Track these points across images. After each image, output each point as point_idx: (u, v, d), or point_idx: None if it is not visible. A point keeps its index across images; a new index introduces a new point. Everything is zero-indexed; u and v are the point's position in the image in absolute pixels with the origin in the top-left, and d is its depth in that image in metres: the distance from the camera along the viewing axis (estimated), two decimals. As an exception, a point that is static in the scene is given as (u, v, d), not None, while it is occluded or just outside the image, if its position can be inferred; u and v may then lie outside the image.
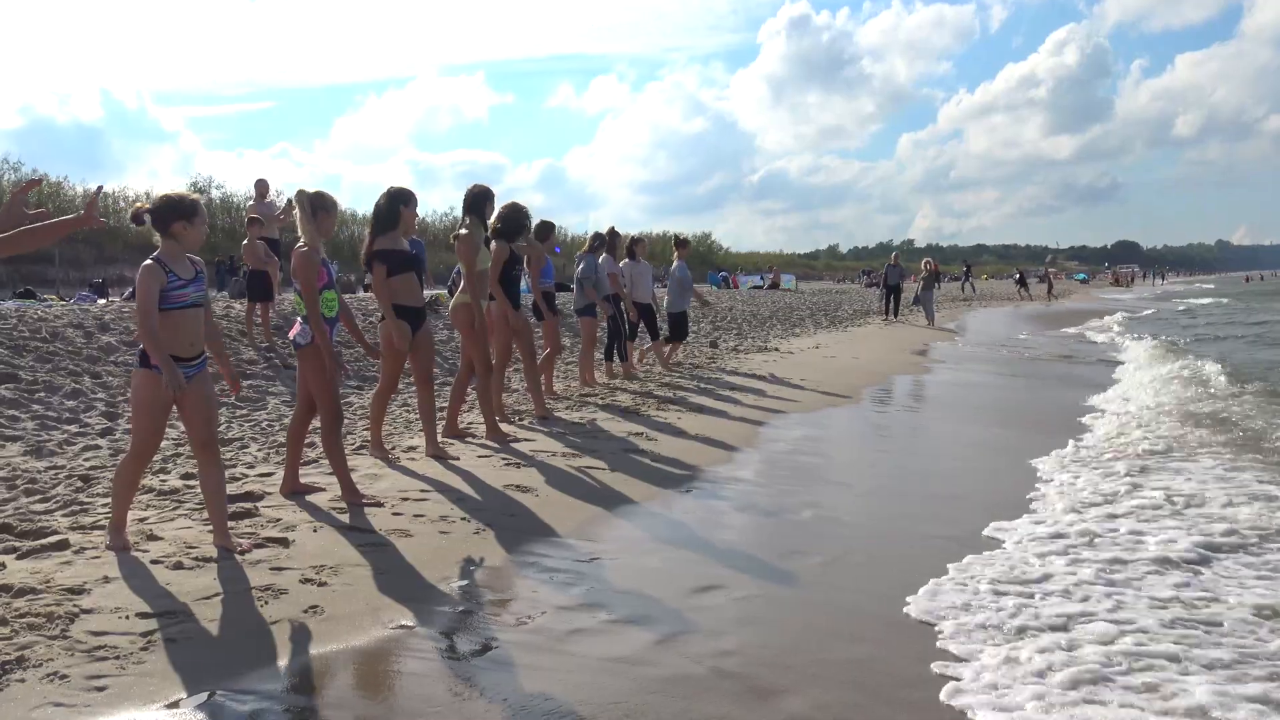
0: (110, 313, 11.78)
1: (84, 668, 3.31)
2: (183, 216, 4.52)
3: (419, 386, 6.92)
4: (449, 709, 3.17)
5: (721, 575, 4.62)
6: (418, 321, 6.63)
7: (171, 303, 4.47)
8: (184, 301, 4.52)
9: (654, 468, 6.89)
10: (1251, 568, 4.91)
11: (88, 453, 6.73)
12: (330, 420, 5.54)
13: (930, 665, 3.65)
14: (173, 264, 4.51)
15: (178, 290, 4.49)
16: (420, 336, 6.66)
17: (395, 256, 6.52)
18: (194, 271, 4.60)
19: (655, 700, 3.28)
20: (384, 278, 6.48)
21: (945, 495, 6.57)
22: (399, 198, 6.58)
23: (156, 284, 4.43)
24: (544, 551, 4.85)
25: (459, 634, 3.77)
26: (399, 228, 6.59)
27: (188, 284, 4.54)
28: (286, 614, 3.88)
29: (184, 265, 4.56)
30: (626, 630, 3.88)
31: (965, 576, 4.64)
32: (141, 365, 4.52)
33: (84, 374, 8.99)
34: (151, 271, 4.44)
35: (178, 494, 5.61)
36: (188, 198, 4.64)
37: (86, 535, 4.75)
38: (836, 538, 5.40)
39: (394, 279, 6.51)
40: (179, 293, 4.49)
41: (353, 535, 4.93)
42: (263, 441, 7.34)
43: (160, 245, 4.53)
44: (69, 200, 31.60)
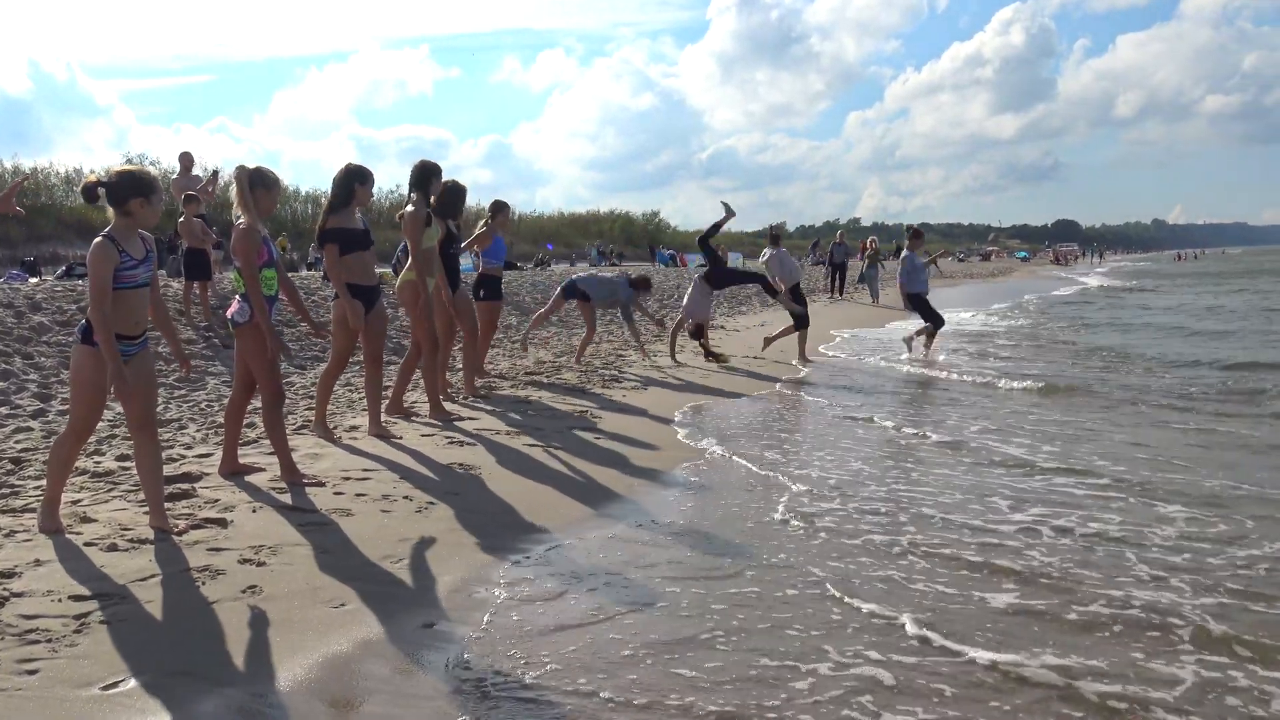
0: (42, 292, 11.49)
1: (14, 651, 3.26)
2: (141, 194, 4.42)
3: (368, 365, 6.87)
4: (391, 685, 3.17)
5: (665, 552, 4.67)
6: (371, 300, 6.56)
7: (122, 282, 4.39)
8: (134, 281, 4.44)
9: (599, 445, 6.91)
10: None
11: (19, 435, 6.58)
12: (271, 399, 5.47)
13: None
14: (125, 243, 4.41)
15: (129, 270, 4.41)
16: (373, 316, 6.58)
17: (348, 235, 6.44)
18: (145, 251, 4.52)
19: (600, 664, 3.32)
20: (337, 256, 6.41)
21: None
22: (355, 175, 6.50)
23: (110, 264, 4.34)
24: (487, 528, 4.85)
25: (400, 612, 3.77)
26: (351, 205, 6.51)
27: (139, 264, 4.45)
28: (224, 594, 3.84)
29: (136, 244, 4.47)
30: (570, 600, 3.91)
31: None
32: (83, 341, 4.43)
33: (15, 355, 8.77)
34: (105, 251, 4.34)
35: (112, 475, 5.52)
36: (147, 174, 4.55)
37: (17, 518, 4.66)
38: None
39: (347, 257, 6.43)
40: (130, 273, 4.41)
41: (293, 515, 4.89)
42: (201, 422, 7.24)
43: (113, 222, 4.43)
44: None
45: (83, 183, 4.54)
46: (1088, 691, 3.17)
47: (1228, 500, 5.50)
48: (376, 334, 6.70)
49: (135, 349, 4.54)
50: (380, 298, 6.74)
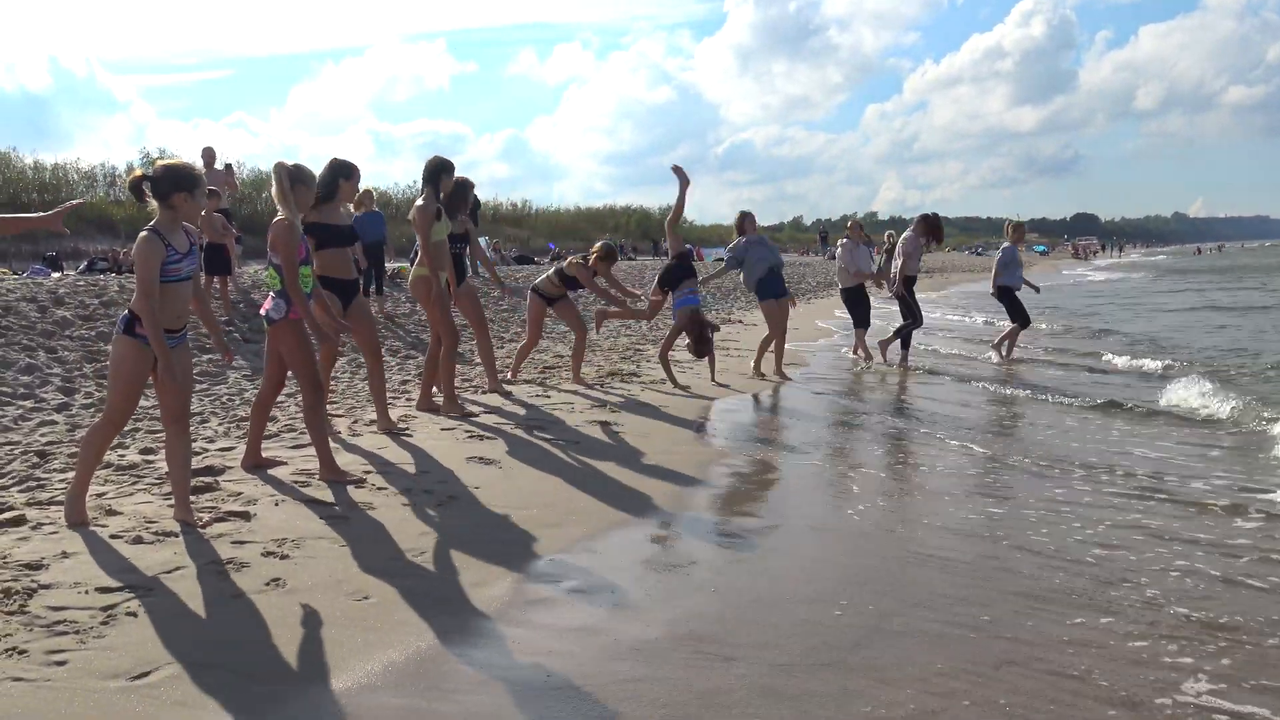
0: (65, 286, 11.58)
1: (43, 642, 3.30)
2: (184, 188, 4.47)
3: (367, 360, 6.88)
4: (414, 678, 3.19)
5: (691, 547, 4.68)
6: (348, 295, 6.54)
7: (168, 276, 4.44)
8: (179, 275, 4.49)
9: (614, 443, 6.92)
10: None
11: (44, 428, 6.65)
12: (311, 396, 5.47)
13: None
14: (170, 236, 4.46)
15: (174, 264, 4.46)
16: (354, 310, 6.56)
17: (325, 230, 6.39)
18: (189, 244, 4.56)
19: (621, 667, 3.33)
20: (312, 250, 6.37)
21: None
22: (338, 170, 6.48)
23: (157, 258, 4.39)
24: (506, 524, 4.87)
25: (425, 605, 3.79)
26: (335, 200, 6.48)
27: (184, 257, 4.51)
28: (249, 587, 3.87)
29: (180, 238, 4.51)
30: (588, 600, 3.92)
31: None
32: (125, 332, 4.47)
33: (39, 349, 8.85)
34: (151, 244, 4.39)
35: (136, 469, 5.57)
36: (192, 169, 4.60)
37: (44, 511, 4.71)
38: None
39: (323, 252, 6.39)
40: (175, 266, 4.46)
41: (315, 508, 4.92)
42: (223, 416, 7.29)
43: (157, 215, 4.47)
44: (18, 172, 30.94)
45: (129, 178, 4.58)
46: None
47: None
48: (364, 328, 6.67)
49: (175, 342, 4.59)
50: (359, 293, 6.71)
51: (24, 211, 24.26)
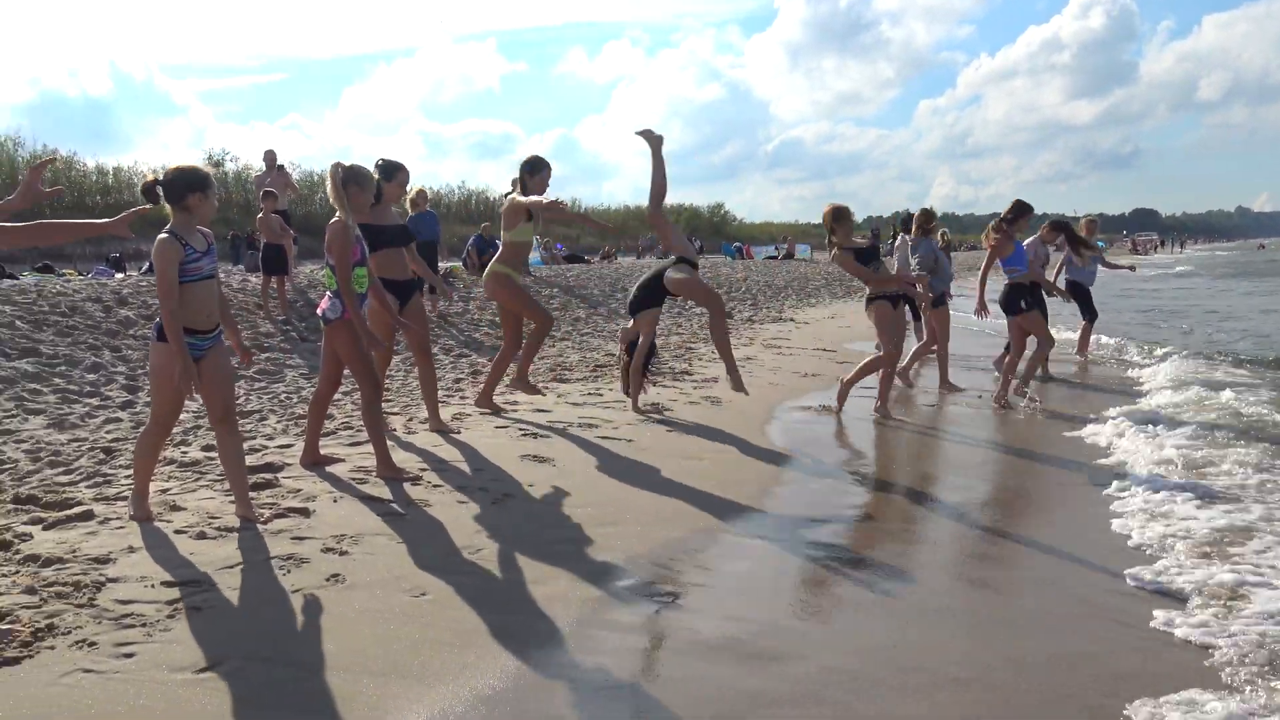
0: (128, 286, 11.84)
1: (112, 635, 3.37)
2: (197, 189, 4.50)
3: (417, 359, 6.91)
4: (471, 673, 3.20)
5: (741, 541, 4.65)
6: (404, 295, 6.59)
7: (187, 275, 4.46)
8: (199, 274, 4.51)
9: (668, 442, 6.91)
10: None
11: (109, 425, 6.79)
12: (369, 395, 5.52)
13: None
14: (187, 236, 4.49)
15: (193, 263, 4.48)
16: (409, 310, 6.60)
17: (373, 231, 6.43)
18: (206, 244, 4.59)
19: (675, 666, 3.32)
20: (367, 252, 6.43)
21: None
22: (381, 171, 6.51)
23: (175, 258, 4.42)
24: (562, 521, 4.88)
25: (479, 602, 3.80)
26: (384, 202, 6.52)
27: (202, 256, 4.53)
28: (309, 583, 3.92)
29: (197, 237, 4.54)
30: (645, 599, 3.91)
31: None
32: (159, 339, 4.53)
33: (103, 347, 9.06)
34: (170, 246, 4.42)
35: (199, 465, 5.66)
36: (200, 169, 4.62)
37: (110, 506, 4.81)
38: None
39: (377, 253, 6.41)
40: (194, 265, 4.49)
41: (373, 505, 4.97)
42: (281, 414, 7.39)
43: (172, 218, 4.52)
44: (81, 176, 31.68)
45: (141, 183, 4.63)
46: None
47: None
48: (417, 328, 6.68)
49: (209, 342, 4.61)
50: (416, 292, 6.75)
51: (88, 214, 24.83)
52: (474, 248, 19.00)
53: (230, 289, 12.41)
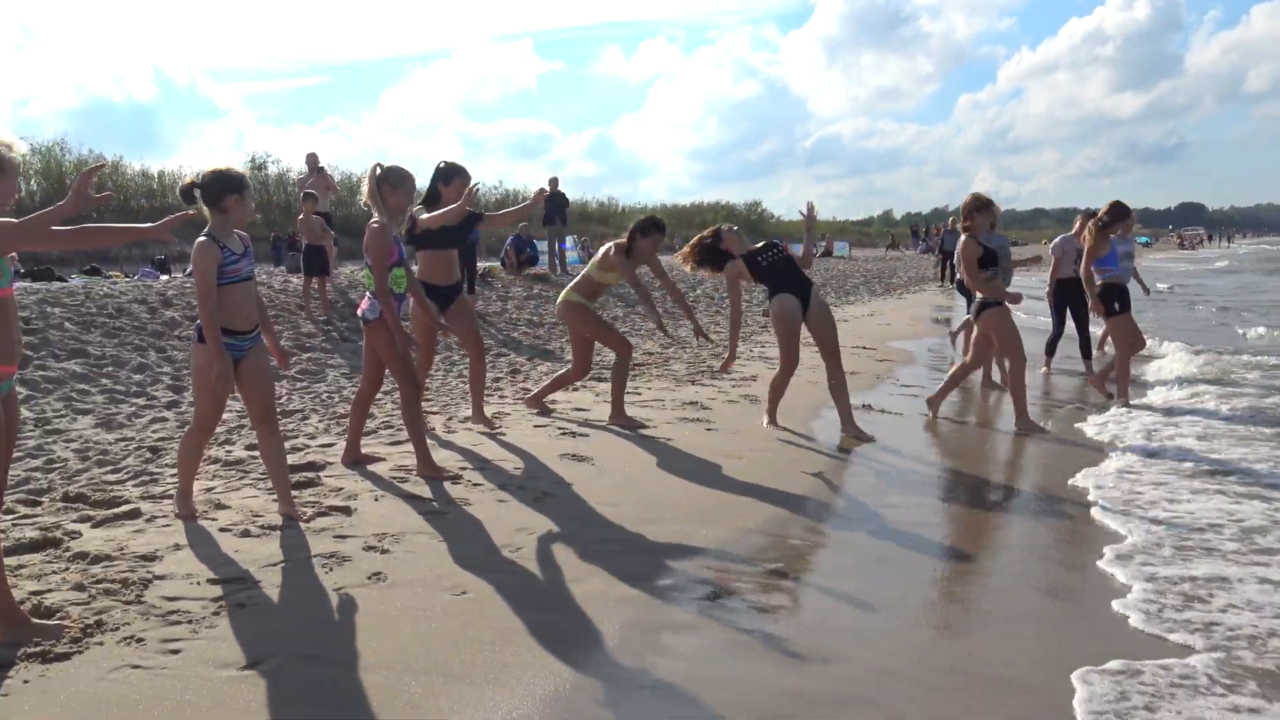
0: (173, 288, 12.01)
1: (159, 631, 3.41)
2: (233, 191, 4.51)
3: (470, 355, 6.93)
4: (511, 671, 3.21)
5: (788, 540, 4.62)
6: (448, 299, 6.60)
7: (226, 277, 4.49)
8: (237, 276, 4.54)
9: (707, 440, 6.88)
10: None
11: (155, 425, 6.89)
12: (409, 395, 5.55)
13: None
14: (224, 239, 4.52)
15: (231, 266, 4.51)
16: (454, 310, 6.62)
17: (423, 236, 6.45)
18: (243, 246, 4.62)
19: (717, 665, 3.30)
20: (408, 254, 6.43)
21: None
22: (438, 174, 6.52)
23: (214, 261, 4.44)
24: (602, 519, 4.88)
25: (519, 601, 3.81)
26: (439, 205, 6.53)
27: (239, 259, 4.56)
28: (351, 581, 3.95)
29: (234, 240, 4.57)
30: (685, 597, 3.90)
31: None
32: (200, 341, 4.57)
33: (149, 348, 9.20)
34: (207, 249, 4.45)
35: (243, 464, 5.73)
36: (236, 172, 4.63)
37: (157, 504, 4.88)
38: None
39: (421, 254, 6.43)
40: (233, 267, 4.52)
41: (414, 504, 5.00)
42: (323, 413, 7.46)
43: (209, 220, 4.55)
44: (127, 180, 32.23)
45: (179, 185, 4.67)
46: None
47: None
48: (464, 326, 6.70)
49: (249, 343, 4.65)
50: (460, 294, 6.77)
51: (134, 217, 25.21)
52: (512, 247, 19.08)
53: (272, 290, 12.56)
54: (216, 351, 4.45)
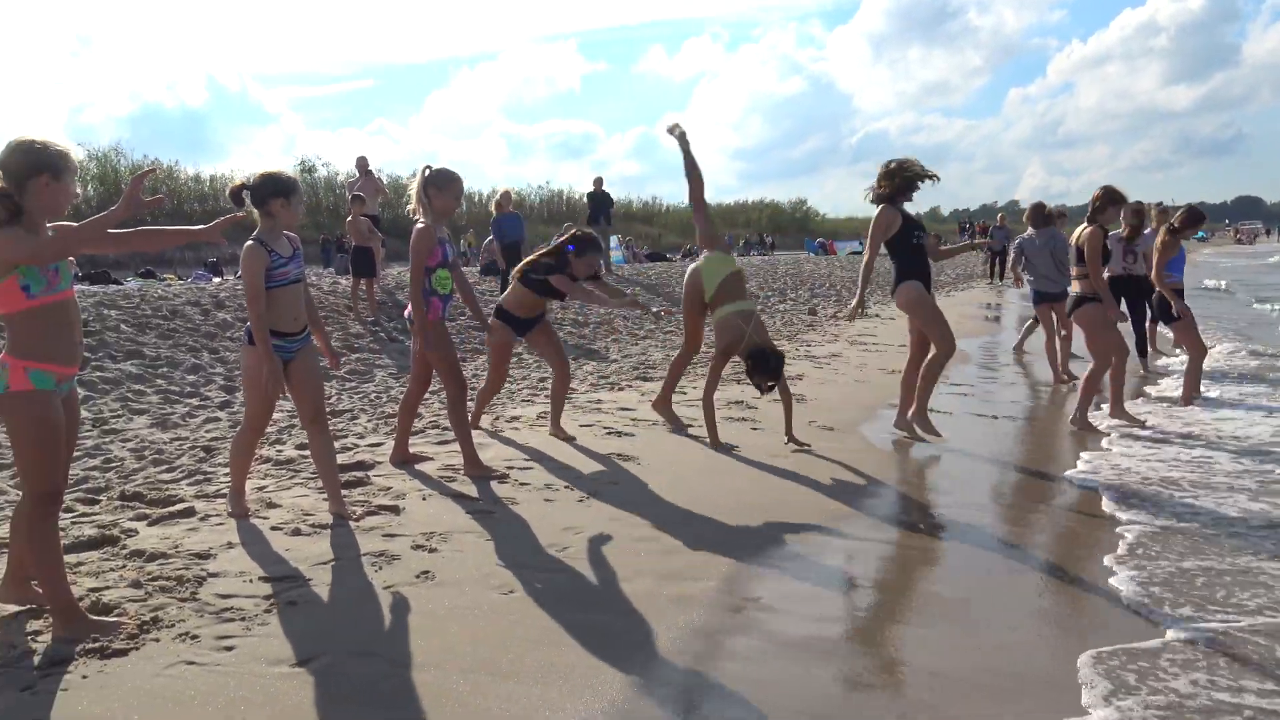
0: (225, 290, 12.22)
1: (212, 628, 3.46)
2: (280, 194, 4.55)
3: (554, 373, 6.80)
4: (560, 672, 3.21)
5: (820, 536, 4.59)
6: (531, 325, 6.62)
7: (274, 281, 4.53)
8: (286, 279, 4.58)
9: (754, 440, 6.85)
10: None
11: (208, 425, 7.01)
12: (455, 394, 5.58)
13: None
14: (273, 242, 4.56)
15: (279, 269, 4.55)
16: (537, 332, 6.64)
17: (540, 282, 6.47)
18: (292, 249, 4.65)
19: (763, 666, 3.28)
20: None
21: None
22: (580, 243, 6.51)
23: (261, 264, 4.48)
24: (648, 519, 4.87)
25: (566, 600, 3.81)
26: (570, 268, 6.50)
27: (288, 261, 4.59)
28: (400, 579, 3.98)
29: (283, 243, 4.61)
30: (731, 598, 3.88)
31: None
32: (250, 343, 4.62)
33: (203, 349, 9.36)
34: (255, 253, 4.49)
35: (293, 464, 5.80)
36: (285, 175, 4.66)
37: (210, 503, 4.96)
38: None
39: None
40: (281, 270, 4.56)
41: (461, 503, 5.04)
42: (372, 413, 7.54)
43: (258, 224, 4.59)
44: (181, 184, 32.87)
45: (229, 188, 4.68)
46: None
47: None
48: (552, 349, 6.71)
49: (298, 344, 4.69)
50: (543, 319, 6.72)
51: (187, 220, 25.66)
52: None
53: (320, 291, 12.72)
54: (266, 353, 4.50)
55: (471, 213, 37.98)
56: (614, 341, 12.03)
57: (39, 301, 3.31)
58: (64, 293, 3.40)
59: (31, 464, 3.36)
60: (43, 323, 3.34)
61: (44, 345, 3.35)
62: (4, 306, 3.31)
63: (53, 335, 3.37)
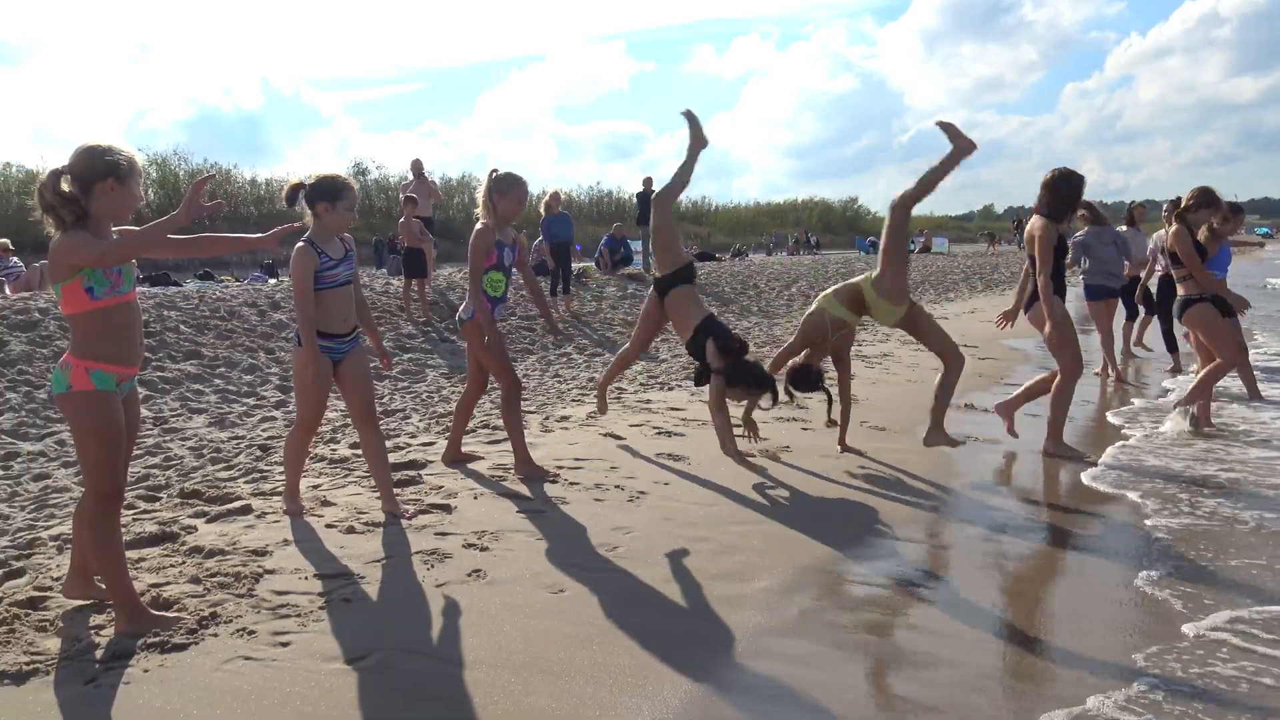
0: (280, 292, 12.41)
1: (270, 624, 3.51)
2: (324, 198, 4.58)
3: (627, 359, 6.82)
4: (611, 672, 3.21)
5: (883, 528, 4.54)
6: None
7: (323, 283, 4.58)
8: (335, 281, 4.62)
9: (810, 437, 6.79)
10: None
11: (264, 424, 7.12)
12: (509, 393, 5.61)
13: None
14: (323, 245, 4.60)
15: (328, 271, 4.59)
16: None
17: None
18: (344, 250, 4.69)
19: (814, 669, 3.25)
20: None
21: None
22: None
23: (311, 267, 4.53)
24: (698, 519, 4.85)
25: (617, 600, 3.81)
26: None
27: (337, 264, 4.63)
28: (452, 577, 4.01)
29: (334, 245, 4.65)
30: (782, 599, 3.85)
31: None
32: (300, 344, 4.68)
33: (259, 350, 9.52)
34: (305, 255, 4.54)
35: (347, 463, 5.87)
36: (333, 179, 4.66)
37: (267, 501, 5.03)
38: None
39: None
40: (330, 273, 4.60)
41: (512, 502, 5.06)
42: (424, 412, 7.61)
43: (310, 226, 4.64)
44: (238, 188, 33.47)
45: (285, 188, 4.75)
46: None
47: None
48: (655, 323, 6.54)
49: (347, 346, 4.74)
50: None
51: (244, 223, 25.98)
52: (607, 248, 19.20)
53: (373, 292, 12.87)
54: (312, 354, 4.55)
55: (523, 214, 38.17)
56: (663, 341, 12.03)
57: (102, 303, 3.39)
58: (126, 295, 3.47)
59: (93, 462, 3.44)
60: (105, 324, 3.41)
61: (106, 346, 3.42)
62: (69, 307, 3.39)
63: (115, 336, 3.44)
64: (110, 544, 3.48)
